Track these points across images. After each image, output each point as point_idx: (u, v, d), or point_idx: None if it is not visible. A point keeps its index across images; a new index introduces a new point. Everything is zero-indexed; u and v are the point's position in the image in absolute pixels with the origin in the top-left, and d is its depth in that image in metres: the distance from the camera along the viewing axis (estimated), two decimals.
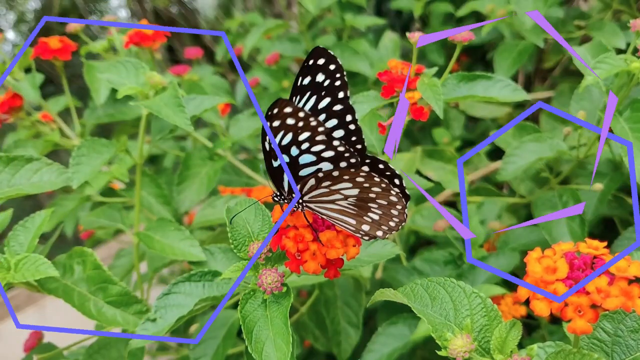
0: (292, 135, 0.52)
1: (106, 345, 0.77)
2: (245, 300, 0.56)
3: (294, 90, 0.55)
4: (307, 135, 0.52)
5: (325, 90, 0.55)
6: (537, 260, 0.46)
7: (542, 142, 0.93)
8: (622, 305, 0.41)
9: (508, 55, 1.23)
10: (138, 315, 0.72)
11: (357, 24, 1.39)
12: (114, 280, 0.73)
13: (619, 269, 0.43)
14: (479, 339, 0.52)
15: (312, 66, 0.55)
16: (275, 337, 0.53)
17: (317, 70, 0.54)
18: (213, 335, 0.74)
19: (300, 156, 0.54)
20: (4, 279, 0.64)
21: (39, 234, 0.71)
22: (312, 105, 0.55)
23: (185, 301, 0.64)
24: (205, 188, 0.99)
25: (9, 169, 0.73)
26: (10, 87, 0.99)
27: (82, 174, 0.75)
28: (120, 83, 0.80)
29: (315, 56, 0.54)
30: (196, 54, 1.40)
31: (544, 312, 0.43)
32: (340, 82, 0.55)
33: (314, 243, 0.55)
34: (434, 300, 0.55)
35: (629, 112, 0.77)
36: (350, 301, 0.99)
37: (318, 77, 0.55)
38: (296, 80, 0.55)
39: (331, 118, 0.56)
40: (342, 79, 0.55)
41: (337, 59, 0.54)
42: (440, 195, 1.19)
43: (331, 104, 0.55)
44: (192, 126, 0.73)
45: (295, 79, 0.55)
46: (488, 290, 0.86)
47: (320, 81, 0.55)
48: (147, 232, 0.85)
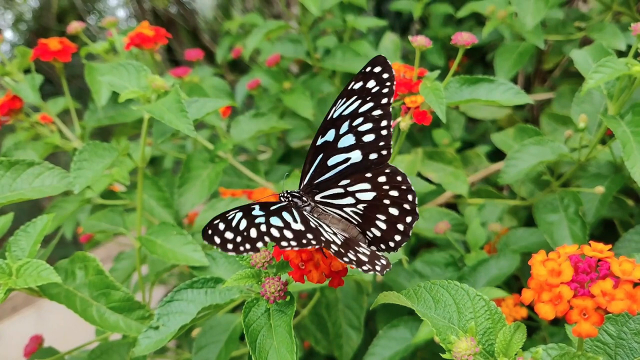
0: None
1: (108, 350, 0.76)
2: (248, 309, 0.56)
3: (344, 93, 0.57)
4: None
5: (371, 96, 0.57)
6: (542, 263, 0.46)
7: (543, 145, 0.93)
8: (627, 308, 0.41)
9: (508, 56, 1.23)
10: (140, 321, 0.72)
11: (359, 25, 1.38)
12: (117, 285, 0.73)
13: (624, 272, 0.43)
14: (483, 341, 0.52)
15: (368, 73, 0.57)
16: (279, 346, 0.53)
17: (371, 77, 0.57)
18: (215, 340, 0.73)
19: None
20: (6, 285, 0.63)
21: (41, 239, 0.70)
22: (355, 108, 0.57)
23: (187, 308, 0.64)
24: (206, 190, 0.99)
25: (10, 173, 0.73)
26: (10, 89, 0.99)
27: (84, 179, 0.74)
28: (122, 86, 0.80)
29: (374, 64, 0.57)
30: (197, 55, 1.40)
31: (549, 315, 0.43)
32: (388, 90, 0.57)
33: (318, 253, 0.55)
34: (437, 303, 0.55)
35: (630, 115, 0.77)
36: (351, 304, 0.99)
37: (369, 83, 0.57)
38: (348, 84, 0.57)
39: (367, 122, 0.57)
40: (390, 87, 0.57)
41: (392, 69, 0.56)
42: (441, 198, 1.19)
43: (372, 108, 0.57)
44: (195, 131, 0.72)
45: (349, 82, 0.57)
46: (489, 292, 0.86)
47: (370, 87, 0.57)
48: (149, 237, 0.84)
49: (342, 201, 0.58)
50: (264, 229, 0.50)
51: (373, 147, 0.57)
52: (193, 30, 3.11)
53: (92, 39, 1.15)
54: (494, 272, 0.93)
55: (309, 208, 0.58)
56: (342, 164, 0.58)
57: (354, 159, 0.58)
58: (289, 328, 0.54)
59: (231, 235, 0.49)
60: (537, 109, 1.53)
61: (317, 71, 1.39)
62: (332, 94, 1.35)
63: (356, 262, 0.51)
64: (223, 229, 0.49)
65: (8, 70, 0.99)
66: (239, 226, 0.50)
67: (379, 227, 0.56)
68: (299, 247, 0.49)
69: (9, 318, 2.49)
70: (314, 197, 0.59)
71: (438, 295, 0.55)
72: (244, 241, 0.49)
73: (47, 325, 2.25)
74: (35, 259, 0.67)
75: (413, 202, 0.56)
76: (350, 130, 0.57)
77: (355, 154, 0.57)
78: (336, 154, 0.58)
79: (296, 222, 0.52)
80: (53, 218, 0.72)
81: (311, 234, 0.51)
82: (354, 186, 0.58)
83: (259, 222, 0.50)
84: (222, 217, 0.50)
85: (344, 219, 0.58)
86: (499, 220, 1.11)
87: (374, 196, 0.57)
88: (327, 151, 0.58)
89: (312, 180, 0.59)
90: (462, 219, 1.08)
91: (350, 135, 0.58)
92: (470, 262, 0.96)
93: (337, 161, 0.58)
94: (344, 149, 0.58)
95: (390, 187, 0.56)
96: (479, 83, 0.79)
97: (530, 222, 1.04)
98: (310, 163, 0.59)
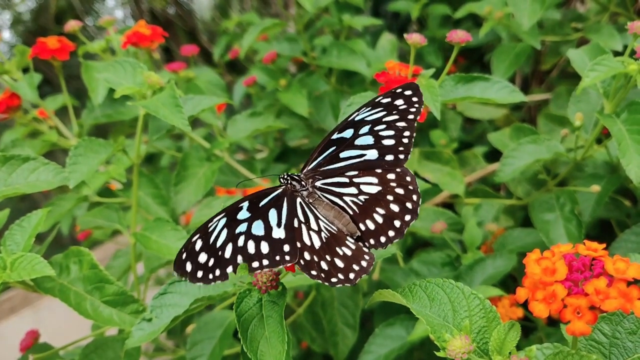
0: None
1: (102, 345, 0.76)
2: (240, 300, 0.57)
3: (370, 103, 0.60)
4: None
5: (397, 111, 0.59)
6: (536, 261, 0.46)
7: (539, 144, 0.93)
8: (621, 307, 0.41)
9: (505, 57, 1.23)
10: (134, 315, 0.72)
11: (355, 24, 1.39)
12: (111, 279, 0.73)
13: (618, 271, 0.43)
14: (477, 340, 0.52)
15: (398, 93, 0.60)
16: (271, 336, 0.53)
17: (400, 97, 0.60)
18: (210, 336, 0.73)
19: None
20: (0, 278, 0.63)
21: (35, 233, 0.70)
22: (379, 116, 0.60)
23: (180, 300, 0.64)
24: (202, 189, 0.99)
25: (6, 168, 0.73)
26: (8, 86, 0.99)
27: (79, 174, 0.74)
28: (118, 83, 0.80)
29: (406, 87, 0.60)
30: (192, 51, 1.40)
31: (542, 313, 0.43)
32: (416, 110, 0.59)
33: None
34: (432, 301, 0.55)
35: (626, 114, 0.77)
36: (347, 302, 0.99)
37: (398, 101, 0.59)
38: (376, 97, 0.60)
39: (390, 129, 0.59)
40: (418, 108, 0.59)
41: (422, 96, 0.60)
42: (438, 197, 1.19)
43: (397, 120, 0.59)
44: (190, 127, 0.73)
45: (376, 96, 0.61)
46: (485, 291, 0.86)
47: (397, 104, 0.59)
48: (144, 232, 0.84)
49: (343, 190, 0.59)
50: (240, 243, 0.52)
51: (392, 150, 0.59)
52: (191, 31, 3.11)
53: (90, 39, 1.15)
54: (490, 272, 0.93)
55: (306, 193, 0.59)
56: (356, 159, 0.60)
57: (369, 156, 0.59)
58: (280, 318, 0.54)
59: (204, 258, 0.51)
60: (535, 110, 1.53)
61: (313, 69, 1.40)
62: (328, 92, 1.35)
63: (325, 275, 0.53)
64: (199, 248, 0.52)
65: (7, 69, 0.99)
66: (216, 242, 0.52)
67: (375, 221, 0.57)
68: (270, 267, 0.52)
69: (7, 319, 2.48)
70: (315, 182, 0.60)
71: (433, 294, 0.56)
72: (214, 266, 0.51)
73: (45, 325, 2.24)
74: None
75: (417, 202, 0.57)
76: (371, 132, 0.60)
77: (372, 152, 0.59)
78: (352, 149, 0.60)
79: (280, 224, 0.55)
80: (48, 214, 0.72)
81: (288, 244, 0.53)
82: (360, 178, 0.59)
83: (239, 231, 0.53)
84: (203, 230, 0.53)
85: (339, 207, 0.58)
86: (496, 220, 1.11)
87: (379, 190, 0.58)
88: (341, 145, 0.60)
89: (319, 167, 0.61)
90: (459, 218, 1.08)
91: (369, 136, 0.60)
92: (467, 261, 0.96)
93: (351, 155, 0.60)
94: (361, 146, 0.60)
95: (398, 184, 0.57)
96: (474, 81, 0.79)
97: (526, 223, 1.04)
98: (320, 152, 0.61)
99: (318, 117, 1.36)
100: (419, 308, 0.55)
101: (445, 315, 0.54)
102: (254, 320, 0.55)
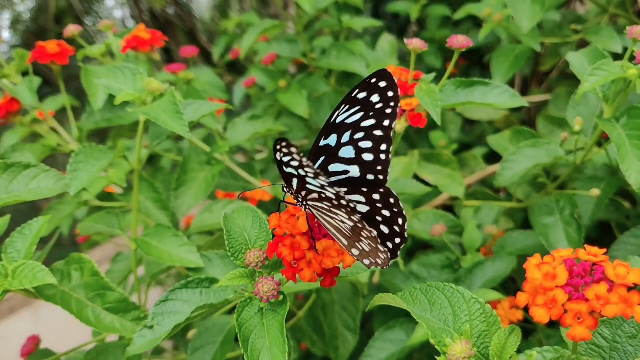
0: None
1: (104, 351, 0.76)
2: (241, 309, 0.56)
3: (347, 99, 0.56)
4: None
5: (374, 112, 0.56)
6: (537, 266, 0.46)
7: (539, 148, 0.93)
8: (622, 312, 0.41)
9: (505, 59, 1.23)
10: (136, 322, 0.72)
11: (354, 25, 1.38)
12: (112, 287, 0.73)
13: (619, 276, 0.43)
14: (478, 344, 0.52)
15: (372, 85, 0.55)
16: (272, 346, 0.53)
17: (376, 90, 0.55)
18: (211, 341, 0.74)
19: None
20: (2, 286, 0.63)
21: (37, 241, 0.71)
22: (357, 120, 0.56)
23: (182, 308, 0.64)
24: (203, 193, 0.99)
25: (7, 175, 0.73)
26: (8, 91, 0.99)
27: (80, 181, 0.74)
28: (118, 89, 0.80)
29: (379, 77, 0.55)
30: (192, 52, 1.40)
31: (543, 319, 0.43)
32: (391, 111, 0.55)
33: (311, 251, 0.56)
34: (433, 305, 0.55)
35: (625, 118, 0.77)
36: (347, 306, 0.99)
37: (374, 97, 0.55)
38: (352, 91, 0.56)
39: (368, 140, 0.56)
40: (394, 108, 0.55)
41: (398, 89, 0.55)
42: (437, 199, 1.19)
43: (374, 127, 0.56)
44: (190, 133, 0.73)
45: (352, 89, 0.56)
46: (485, 295, 0.86)
47: (374, 102, 0.56)
48: (145, 239, 0.84)
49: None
50: None
51: (371, 168, 0.57)
52: (190, 32, 3.11)
53: (89, 41, 1.15)
54: (490, 275, 0.94)
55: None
56: (342, 175, 0.58)
57: (353, 173, 0.57)
58: (281, 328, 0.54)
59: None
60: (534, 111, 1.53)
61: (313, 71, 1.40)
62: (328, 93, 1.35)
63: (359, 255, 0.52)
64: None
65: (6, 73, 0.99)
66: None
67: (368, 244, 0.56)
68: None
69: (7, 319, 2.49)
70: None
71: (434, 298, 0.56)
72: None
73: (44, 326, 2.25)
74: (32, 260, 0.67)
75: (403, 226, 0.56)
76: (352, 142, 0.57)
77: (354, 169, 0.57)
78: (337, 162, 0.58)
79: None
80: (49, 220, 0.72)
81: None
82: (351, 196, 0.57)
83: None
84: None
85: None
86: (495, 223, 1.11)
87: (368, 210, 0.57)
88: (328, 156, 0.58)
89: None
90: (459, 221, 1.08)
91: (351, 147, 0.57)
92: (467, 264, 0.97)
93: (337, 170, 0.58)
94: (345, 160, 0.57)
95: (383, 206, 0.56)
96: (474, 86, 0.79)
97: (526, 225, 1.04)
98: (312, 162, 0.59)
99: (318, 118, 1.35)
100: (419, 312, 0.55)
101: (446, 319, 0.54)
102: (255, 329, 0.55)
